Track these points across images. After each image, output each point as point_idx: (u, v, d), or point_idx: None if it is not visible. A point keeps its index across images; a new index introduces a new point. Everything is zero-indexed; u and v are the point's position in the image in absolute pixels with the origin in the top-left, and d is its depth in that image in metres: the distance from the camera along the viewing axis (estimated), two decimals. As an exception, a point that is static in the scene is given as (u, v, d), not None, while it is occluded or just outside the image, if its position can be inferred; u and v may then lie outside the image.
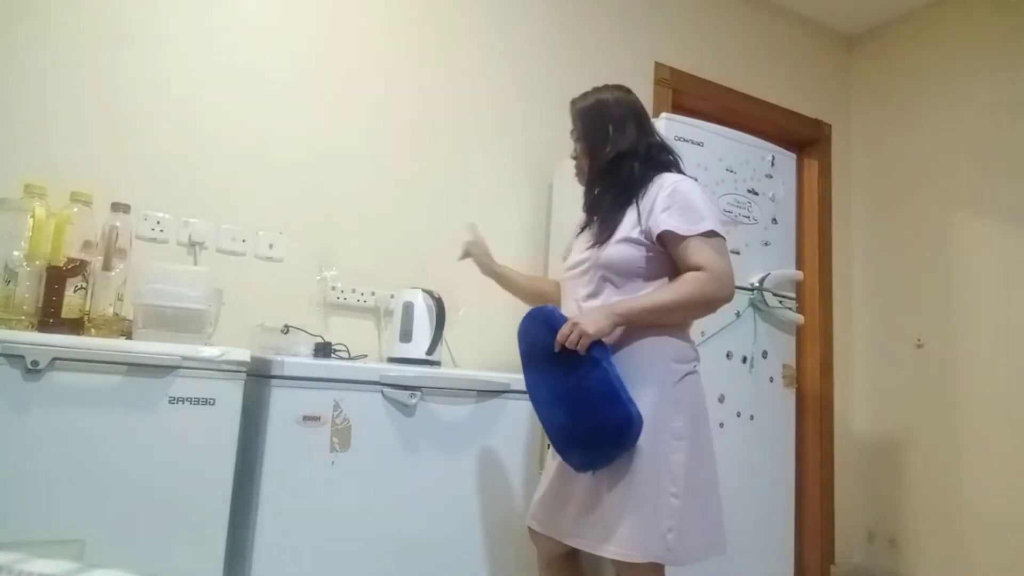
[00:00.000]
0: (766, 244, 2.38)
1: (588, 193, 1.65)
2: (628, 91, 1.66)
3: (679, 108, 2.87)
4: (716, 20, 3.13)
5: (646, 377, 1.43)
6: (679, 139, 2.17)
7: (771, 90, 3.23)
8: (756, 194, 2.37)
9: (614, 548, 1.38)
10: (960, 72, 3.10)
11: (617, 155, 1.56)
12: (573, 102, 1.67)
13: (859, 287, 3.41)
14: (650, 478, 1.39)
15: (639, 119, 1.62)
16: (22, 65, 1.81)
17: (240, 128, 2.07)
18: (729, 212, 2.30)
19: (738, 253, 2.27)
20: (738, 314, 2.26)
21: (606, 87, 1.66)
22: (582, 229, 1.69)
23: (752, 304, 2.32)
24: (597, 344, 1.40)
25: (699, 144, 2.24)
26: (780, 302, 2.37)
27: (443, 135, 2.40)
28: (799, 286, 2.55)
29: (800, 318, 2.46)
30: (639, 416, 1.36)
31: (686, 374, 1.48)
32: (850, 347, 3.35)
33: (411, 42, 2.37)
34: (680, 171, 1.61)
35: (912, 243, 3.19)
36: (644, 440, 1.39)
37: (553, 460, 1.58)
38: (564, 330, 1.41)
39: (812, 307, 3.21)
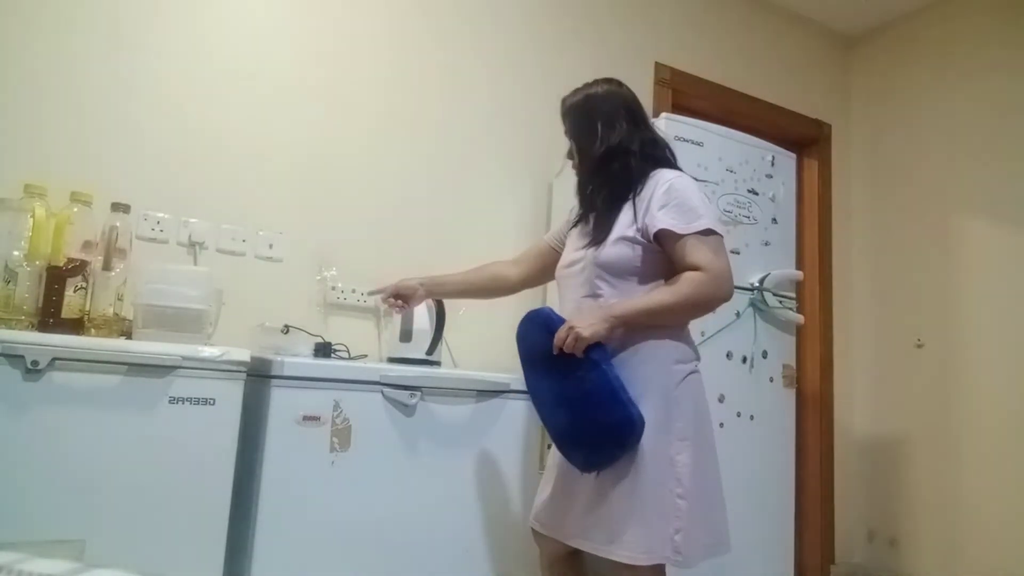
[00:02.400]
0: (766, 244, 2.38)
1: (580, 191, 1.63)
2: (619, 84, 1.62)
3: (679, 108, 2.86)
4: (716, 20, 3.13)
5: (648, 380, 1.42)
6: (679, 139, 2.17)
7: (771, 90, 3.23)
8: (756, 194, 2.37)
9: (620, 551, 1.37)
10: (960, 72, 3.10)
11: (607, 151, 1.53)
12: (564, 100, 1.64)
13: (859, 287, 3.40)
14: (656, 480, 1.38)
15: (631, 113, 1.58)
16: (22, 65, 1.81)
17: (240, 128, 2.07)
18: (729, 212, 2.30)
19: (738, 253, 2.27)
20: (738, 314, 2.26)
21: (596, 81, 1.62)
22: (576, 223, 1.68)
23: (752, 304, 2.32)
24: (595, 345, 1.38)
25: (699, 144, 2.24)
26: (780, 302, 2.37)
27: (442, 135, 2.40)
28: (799, 286, 2.55)
29: (800, 318, 2.46)
30: (640, 417, 1.35)
31: (688, 374, 1.47)
32: (850, 347, 3.35)
33: (411, 43, 2.37)
34: (676, 167, 1.58)
35: (912, 243, 3.19)
36: (648, 442, 1.38)
37: (555, 461, 1.57)
38: (560, 333, 1.39)
39: (812, 307, 3.21)
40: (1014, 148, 2.87)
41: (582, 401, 1.40)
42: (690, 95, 2.97)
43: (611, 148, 1.53)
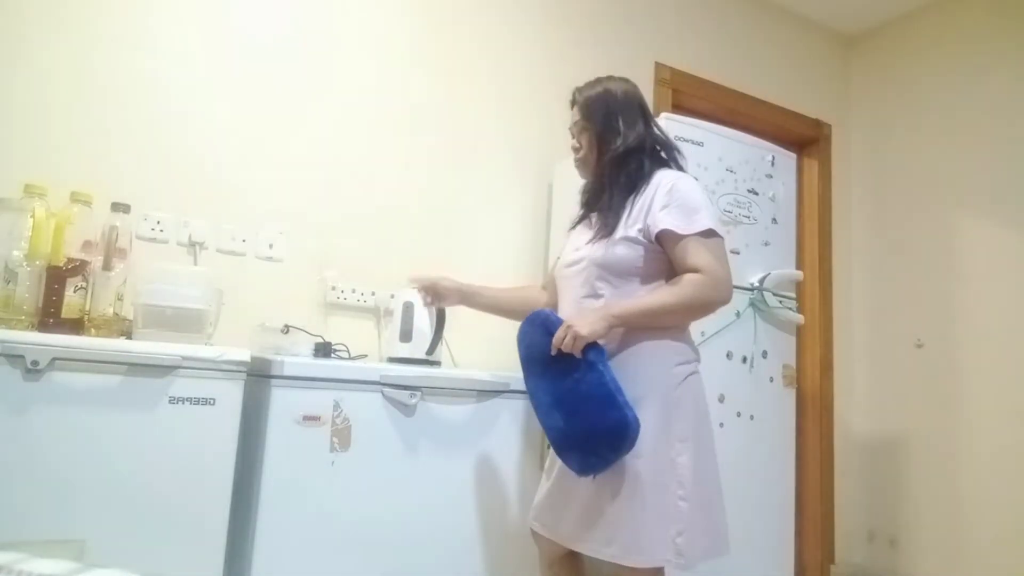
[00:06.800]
0: (766, 244, 2.38)
1: (593, 187, 1.63)
2: (633, 84, 1.64)
3: (679, 108, 2.87)
4: (716, 20, 3.13)
5: (648, 381, 1.42)
6: (679, 139, 2.16)
7: (771, 90, 3.23)
8: (756, 194, 2.37)
9: (621, 553, 1.37)
10: (960, 72, 3.10)
11: (627, 150, 1.54)
12: (579, 90, 1.64)
13: (859, 287, 3.40)
14: (657, 482, 1.38)
15: (645, 112, 1.61)
16: (23, 65, 1.81)
17: (240, 128, 2.07)
18: (729, 212, 2.30)
19: (738, 253, 2.27)
20: (738, 314, 2.26)
21: (611, 78, 1.63)
22: (577, 223, 1.67)
23: (752, 304, 2.32)
24: (593, 347, 1.38)
25: (699, 144, 2.24)
26: (780, 302, 2.37)
27: (442, 136, 2.40)
28: (799, 286, 2.55)
29: (800, 318, 2.45)
30: (635, 420, 1.34)
31: (688, 375, 1.47)
32: (850, 347, 3.35)
33: (411, 44, 2.37)
34: (680, 168, 1.60)
35: (912, 243, 3.19)
36: (649, 444, 1.37)
37: (555, 461, 1.56)
38: (559, 333, 1.39)
39: (812, 307, 3.21)
40: (1014, 147, 2.87)
41: (578, 403, 1.40)
42: (690, 95, 2.97)
43: (630, 147, 1.54)
